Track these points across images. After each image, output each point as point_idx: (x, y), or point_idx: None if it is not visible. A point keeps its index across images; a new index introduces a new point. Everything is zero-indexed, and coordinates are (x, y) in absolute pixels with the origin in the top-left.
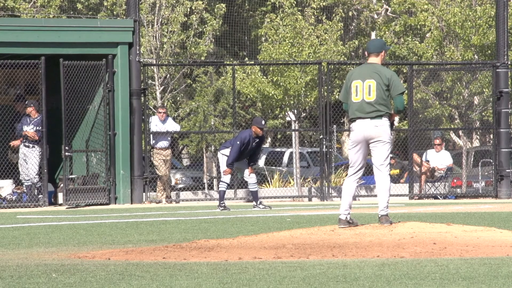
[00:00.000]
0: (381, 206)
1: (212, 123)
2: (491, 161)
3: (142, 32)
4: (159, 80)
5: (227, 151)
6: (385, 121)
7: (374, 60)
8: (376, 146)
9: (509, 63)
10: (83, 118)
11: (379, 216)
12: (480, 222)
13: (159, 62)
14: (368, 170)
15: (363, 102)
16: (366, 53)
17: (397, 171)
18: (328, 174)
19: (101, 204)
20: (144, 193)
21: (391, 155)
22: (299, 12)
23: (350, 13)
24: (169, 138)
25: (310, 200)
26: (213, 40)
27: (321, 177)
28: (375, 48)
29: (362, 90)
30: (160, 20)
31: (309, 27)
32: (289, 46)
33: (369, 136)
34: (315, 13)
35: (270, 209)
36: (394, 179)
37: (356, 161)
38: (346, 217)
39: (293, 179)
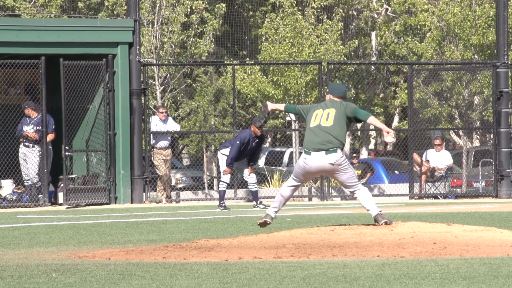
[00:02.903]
0: (371, 211)
1: (212, 123)
2: (491, 161)
3: (143, 32)
4: (159, 80)
5: (227, 151)
6: (339, 155)
7: (336, 99)
8: (343, 174)
9: (509, 63)
10: (83, 118)
11: (373, 217)
12: (480, 222)
13: (159, 62)
14: (367, 170)
15: (319, 127)
16: (328, 95)
17: (359, 172)
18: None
19: (101, 204)
20: (144, 193)
21: (354, 155)
22: (299, 12)
23: (350, 13)
24: (169, 138)
25: (310, 200)
26: (213, 40)
27: (321, 177)
28: (340, 93)
29: (321, 116)
30: (160, 20)
31: (309, 26)
32: (289, 46)
33: (327, 171)
34: (315, 13)
35: None
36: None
37: (299, 178)
38: (272, 215)
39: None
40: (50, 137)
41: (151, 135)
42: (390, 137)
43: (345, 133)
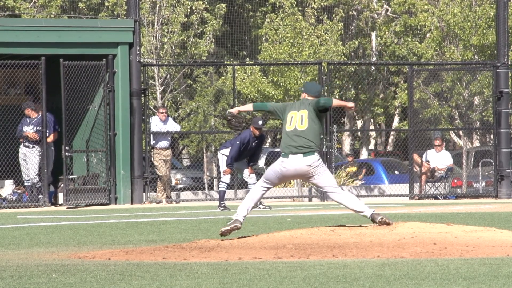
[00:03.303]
0: (365, 212)
1: (212, 123)
2: (491, 161)
3: (143, 32)
4: (160, 80)
5: (227, 151)
6: (316, 157)
7: (310, 98)
8: (320, 177)
9: (509, 63)
10: (83, 118)
11: (370, 218)
12: (480, 222)
13: (159, 62)
14: (368, 170)
15: (296, 131)
16: (304, 94)
17: (354, 169)
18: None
19: (101, 204)
20: (144, 193)
21: (349, 153)
22: (299, 12)
23: (350, 13)
24: (169, 138)
25: (310, 200)
26: (214, 40)
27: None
28: (315, 92)
29: (296, 120)
30: (160, 20)
31: (309, 27)
32: (289, 46)
33: (305, 173)
34: (316, 13)
35: (270, 209)
36: (351, 176)
37: (272, 181)
38: (241, 220)
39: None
40: (52, 137)
41: (151, 135)
42: (350, 104)
43: (320, 132)
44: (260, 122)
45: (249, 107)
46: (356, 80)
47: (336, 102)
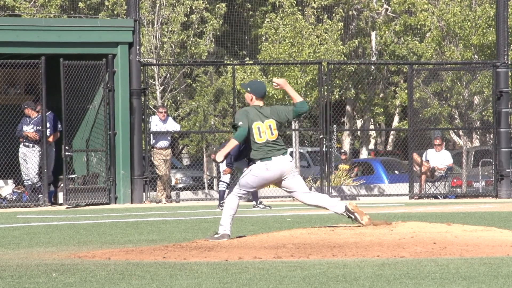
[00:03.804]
0: (336, 210)
1: (212, 123)
2: (491, 160)
3: (142, 32)
4: (159, 80)
5: None
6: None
7: (260, 103)
8: (294, 177)
9: (509, 62)
10: (83, 118)
11: (345, 213)
12: (480, 222)
13: (159, 62)
14: (368, 170)
15: (268, 142)
16: (251, 95)
17: (347, 167)
18: (328, 173)
19: (101, 204)
20: (144, 193)
21: (342, 151)
22: (299, 12)
23: (350, 13)
24: (169, 138)
25: None
26: (213, 40)
27: (321, 176)
28: (262, 93)
29: (265, 132)
30: (160, 20)
31: (309, 26)
32: (289, 46)
33: (286, 172)
34: (315, 13)
35: (270, 209)
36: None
37: (251, 188)
38: (229, 234)
39: None
40: (53, 137)
41: (151, 135)
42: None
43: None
44: None
45: (232, 143)
46: (356, 80)
47: (299, 98)
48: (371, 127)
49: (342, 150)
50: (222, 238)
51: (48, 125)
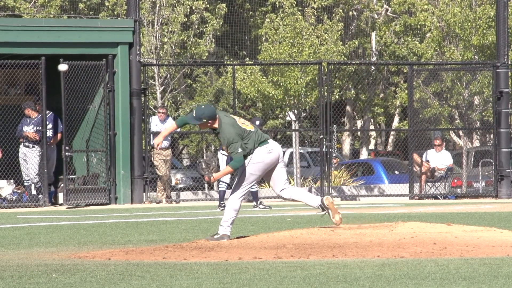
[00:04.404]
0: (311, 203)
1: None
2: (491, 161)
3: (143, 32)
4: (160, 80)
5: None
6: None
7: (216, 124)
8: (281, 167)
9: (509, 63)
10: (83, 118)
11: (319, 206)
12: (480, 222)
13: (159, 62)
14: (367, 170)
15: (257, 130)
16: (209, 122)
17: (336, 172)
18: (328, 174)
19: (101, 204)
20: (144, 193)
21: (334, 155)
22: (299, 12)
23: (350, 13)
24: (169, 138)
25: None
26: (214, 40)
27: (321, 177)
28: (215, 114)
29: (247, 123)
30: (160, 20)
31: (309, 27)
32: (289, 46)
33: (281, 157)
34: (316, 13)
35: (270, 209)
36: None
37: (256, 178)
38: (229, 235)
39: (293, 179)
40: (54, 140)
41: (151, 135)
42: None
43: None
44: (257, 122)
45: (228, 170)
46: (356, 80)
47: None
48: (371, 127)
49: (334, 154)
50: (222, 238)
51: (50, 126)
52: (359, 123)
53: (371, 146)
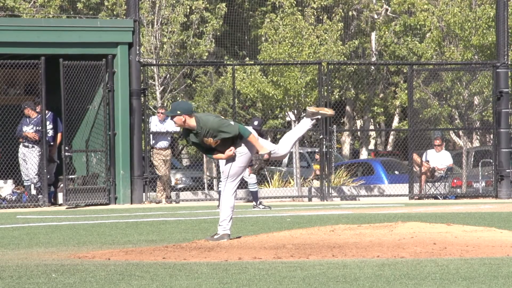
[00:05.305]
0: (305, 126)
1: None
2: (491, 161)
3: (142, 32)
4: (159, 80)
5: None
6: None
7: (193, 120)
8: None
9: (509, 63)
10: (83, 118)
11: (311, 119)
12: (480, 222)
13: (159, 62)
14: (367, 170)
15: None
16: (185, 117)
17: (318, 166)
18: (328, 174)
19: (101, 204)
20: (144, 193)
21: (316, 151)
22: (299, 12)
23: (350, 13)
24: (169, 138)
25: (310, 200)
26: (213, 40)
27: (321, 177)
28: (190, 109)
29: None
30: (160, 20)
31: (309, 27)
32: (289, 46)
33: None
34: (315, 13)
35: (270, 209)
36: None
37: (241, 174)
38: (230, 233)
39: (293, 179)
40: (54, 145)
41: (151, 135)
42: None
43: None
44: (256, 123)
45: (254, 138)
46: (356, 80)
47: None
48: (371, 127)
49: (316, 150)
50: (222, 238)
51: (50, 126)
52: (359, 123)
53: (371, 146)
